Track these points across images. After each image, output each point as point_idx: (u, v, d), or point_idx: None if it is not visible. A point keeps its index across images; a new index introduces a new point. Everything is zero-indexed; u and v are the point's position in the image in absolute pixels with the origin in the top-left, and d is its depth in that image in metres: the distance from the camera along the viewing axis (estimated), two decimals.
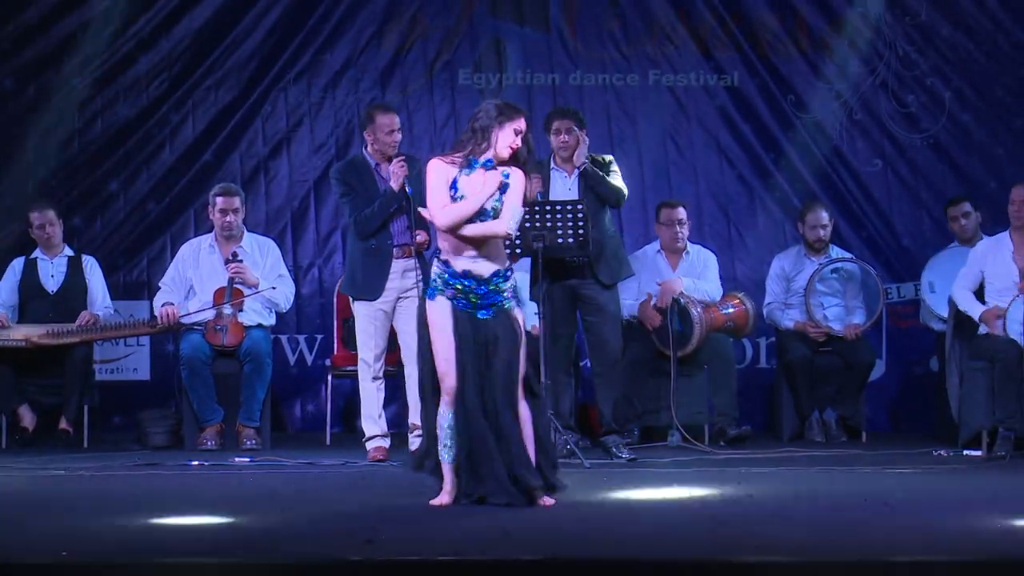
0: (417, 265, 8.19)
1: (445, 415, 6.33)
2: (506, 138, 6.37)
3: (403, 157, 8.25)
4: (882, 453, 8.59)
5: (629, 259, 8.84)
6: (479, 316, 6.33)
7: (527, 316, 6.66)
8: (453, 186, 6.38)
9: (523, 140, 6.41)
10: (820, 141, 10.52)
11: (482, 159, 6.40)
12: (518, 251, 8.03)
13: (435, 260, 6.45)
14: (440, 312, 6.35)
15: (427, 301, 6.41)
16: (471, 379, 6.29)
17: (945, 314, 9.23)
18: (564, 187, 8.57)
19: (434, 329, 6.35)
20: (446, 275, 6.37)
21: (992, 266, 8.75)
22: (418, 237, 8.23)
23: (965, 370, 8.86)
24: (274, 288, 9.16)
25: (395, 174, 8.19)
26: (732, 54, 10.53)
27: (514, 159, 6.42)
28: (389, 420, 8.64)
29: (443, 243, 6.46)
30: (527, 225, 7.95)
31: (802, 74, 10.55)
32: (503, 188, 6.38)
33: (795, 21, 10.54)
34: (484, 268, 6.35)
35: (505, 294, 6.36)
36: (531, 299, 8.22)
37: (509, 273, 6.41)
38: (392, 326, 8.34)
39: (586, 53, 10.55)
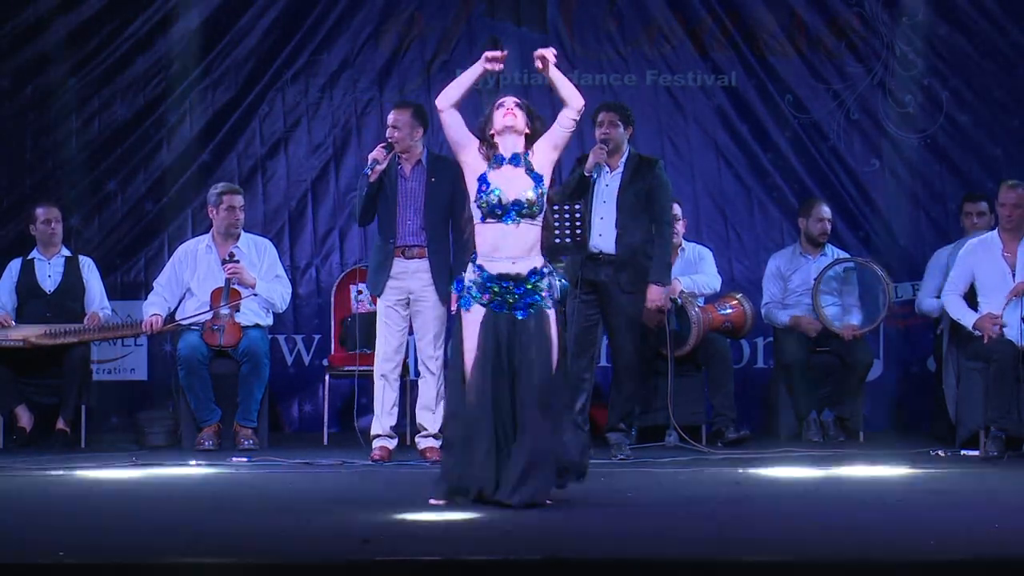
0: (430, 269, 8.22)
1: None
2: (499, 117, 6.53)
3: (382, 144, 8.31)
4: (880, 453, 8.59)
5: None
6: (518, 316, 6.31)
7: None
8: (484, 180, 6.40)
9: (522, 111, 6.55)
10: (818, 141, 10.51)
11: (509, 155, 6.45)
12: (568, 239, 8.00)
13: (470, 265, 6.42)
14: (473, 321, 6.32)
15: (462, 312, 6.39)
16: (496, 383, 6.25)
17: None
18: (602, 183, 8.52)
19: (467, 340, 6.32)
20: (481, 279, 6.35)
21: (983, 265, 8.76)
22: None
23: (962, 370, 8.88)
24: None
25: (372, 157, 8.26)
26: (730, 54, 10.52)
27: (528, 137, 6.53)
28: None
29: (479, 246, 6.43)
30: None
31: (800, 74, 10.54)
32: (536, 178, 6.44)
33: (792, 21, 10.53)
34: (521, 267, 6.34)
35: (542, 293, 6.34)
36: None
37: (545, 271, 6.39)
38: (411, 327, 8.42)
39: (583, 53, 10.54)
